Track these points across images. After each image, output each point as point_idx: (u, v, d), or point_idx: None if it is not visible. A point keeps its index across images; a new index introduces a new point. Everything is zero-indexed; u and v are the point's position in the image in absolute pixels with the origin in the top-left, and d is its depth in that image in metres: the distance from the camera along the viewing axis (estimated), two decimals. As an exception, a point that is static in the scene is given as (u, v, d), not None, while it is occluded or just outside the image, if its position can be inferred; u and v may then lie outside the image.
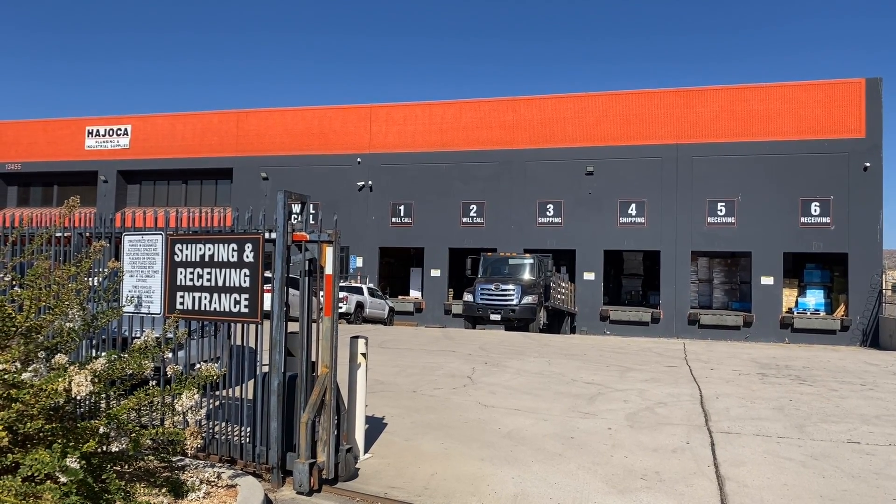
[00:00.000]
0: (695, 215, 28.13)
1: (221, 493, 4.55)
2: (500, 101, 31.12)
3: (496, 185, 30.53)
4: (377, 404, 7.85)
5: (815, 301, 27.79)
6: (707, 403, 8.69)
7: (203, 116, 35.25)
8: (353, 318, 23.88)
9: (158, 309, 5.63)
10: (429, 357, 12.78)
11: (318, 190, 29.13)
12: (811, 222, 26.92)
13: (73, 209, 4.55)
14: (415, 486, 5.27)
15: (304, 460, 5.06)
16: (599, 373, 11.30)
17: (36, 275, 4.04)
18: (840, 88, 27.09)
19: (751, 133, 27.67)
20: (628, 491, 5.23)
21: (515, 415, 7.78)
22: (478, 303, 23.30)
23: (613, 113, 29.39)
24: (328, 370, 5.24)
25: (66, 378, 3.53)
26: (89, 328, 4.38)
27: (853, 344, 25.29)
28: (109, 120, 36.63)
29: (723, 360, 13.64)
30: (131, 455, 4.01)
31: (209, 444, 5.54)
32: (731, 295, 30.78)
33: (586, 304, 29.13)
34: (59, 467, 3.46)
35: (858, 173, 26.44)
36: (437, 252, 31.21)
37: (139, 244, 5.77)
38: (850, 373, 12.09)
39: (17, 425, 3.55)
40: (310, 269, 5.39)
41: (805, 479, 5.58)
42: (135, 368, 4.07)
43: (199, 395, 4.23)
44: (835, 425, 7.56)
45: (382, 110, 32.51)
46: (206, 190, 36.17)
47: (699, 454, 6.27)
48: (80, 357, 5.02)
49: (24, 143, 37.53)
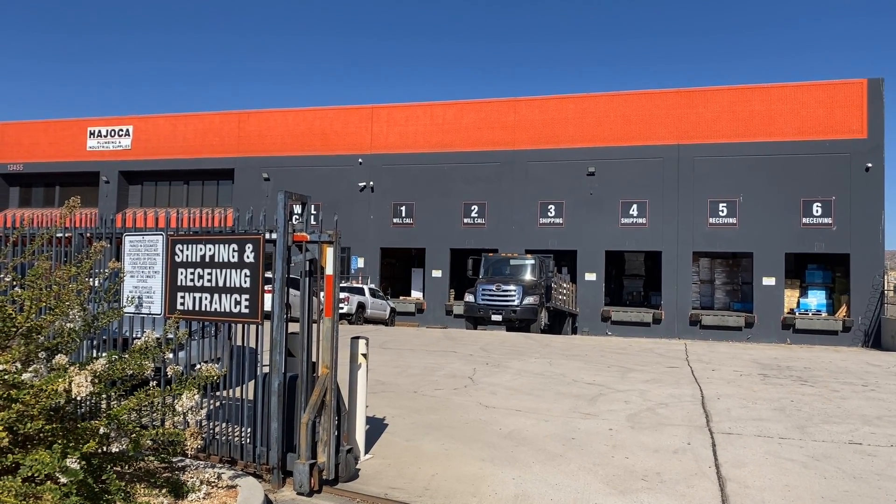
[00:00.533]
0: (696, 216, 28.11)
1: (222, 494, 4.55)
2: (501, 102, 31.12)
3: (497, 185, 30.52)
4: (378, 405, 7.85)
5: (816, 302, 27.74)
6: (708, 404, 8.68)
7: (204, 117, 35.26)
8: (355, 319, 23.90)
9: (159, 309, 5.63)
10: (430, 357, 12.77)
11: (319, 190, 29.10)
12: (813, 223, 26.89)
13: (74, 209, 4.55)
14: (415, 487, 5.27)
15: (305, 461, 5.06)
16: (600, 373, 11.29)
17: (37, 275, 4.04)
18: (842, 89, 27.05)
19: (752, 133, 27.64)
20: (629, 492, 5.22)
21: (516, 415, 7.77)
22: (479, 303, 23.29)
23: (615, 113, 29.38)
24: (329, 371, 5.24)
25: (66, 378, 3.53)
26: (90, 329, 4.38)
27: (855, 345, 25.25)
28: (111, 121, 36.66)
29: (724, 360, 13.62)
30: (131, 455, 4.02)
31: (209, 445, 5.54)
32: (732, 296, 30.74)
33: (587, 304, 29.11)
34: (60, 468, 3.46)
35: (860, 174, 26.41)
36: (439, 252, 31.21)
37: (140, 245, 5.77)
38: (851, 374, 12.07)
39: (18, 426, 3.55)
40: (310, 270, 5.38)
41: (806, 479, 5.57)
42: (135, 369, 4.07)
43: (199, 395, 4.23)
44: (836, 426, 7.54)
45: (384, 111, 32.51)
46: (207, 190, 36.19)
47: (700, 455, 6.26)
48: (81, 357, 5.01)
49: (26, 143, 37.57)
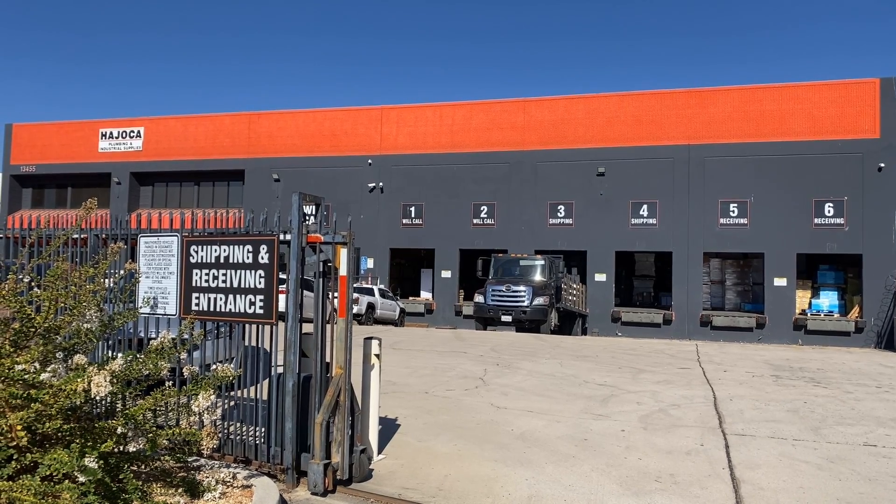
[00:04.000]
0: (707, 216, 27.98)
1: (237, 494, 4.57)
2: (510, 103, 31.10)
3: (507, 186, 30.51)
4: (390, 405, 7.86)
5: (828, 302, 27.55)
6: (721, 405, 8.64)
7: (215, 118, 35.43)
8: (365, 320, 23.95)
9: (174, 310, 5.66)
10: (440, 358, 12.78)
11: (328, 191, 29.12)
12: (825, 223, 26.71)
13: (91, 211, 4.57)
14: (429, 488, 5.28)
15: (319, 461, 5.07)
16: (612, 374, 11.26)
17: (55, 276, 4.07)
18: (854, 88, 26.87)
19: (763, 134, 27.49)
20: (643, 493, 5.21)
21: (528, 416, 7.77)
22: (489, 304, 23.28)
23: (625, 114, 29.30)
24: (342, 371, 5.26)
25: (85, 378, 3.56)
26: (106, 329, 4.41)
27: (867, 346, 25.07)
28: (122, 122, 36.91)
29: (736, 361, 13.56)
30: (148, 455, 4.04)
31: (224, 445, 5.56)
32: (743, 296, 30.58)
33: (598, 305, 29.02)
34: (78, 467, 3.48)
35: (873, 174, 26.22)
36: (448, 253, 31.22)
37: (155, 246, 5.81)
38: (865, 375, 11.99)
39: (36, 425, 3.58)
40: (324, 271, 5.40)
41: (821, 481, 5.54)
42: (151, 369, 4.10)
43: (214, 395, 4.25)
44: (850, 428, 7.50)
45: (393, 112, 32.57)
46: (217, 191, 36.36)
47: (713, 456, 6.23)
48: (97, 358, 5.05)
49: (39, 145, 37.88)
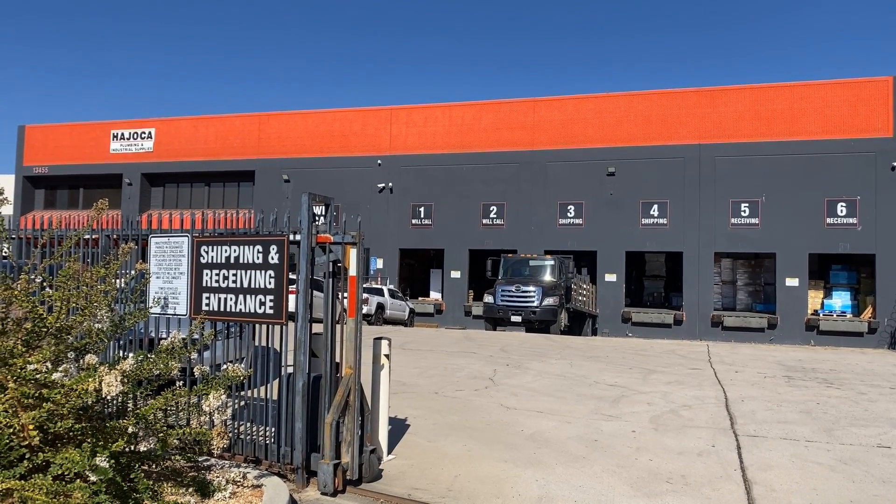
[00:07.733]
0: (718, 216, 27.83)
1: (247, 493, 4.58)
2: (520, 103, 31.06)
3: (516, 186, 30.46)
4: (399, 405, 7.86)
5: (841, 303, 27.33)
6: (732, 406, 8.58)
7: (225, 119, 35.62)
8: (374, 320, 23.97)
9: (184, 310, 5.68)
10: (450, 358, 12.77)
11: (338, 192, 29.19)
12: (837, 223, 26.51)
13: (102, 212, 4.59)
14: (438, 488, 5.27)
15: (329, 461, 5.08)
16: (622, 375, 11.21)
17: (67, 276, 4.09)
18: (867, 87, 26.65)
19: (775, 133, 27.31)
20: (654, 494, 5.18)
21: (538, 417, 7.74)
22: (498, 304, 23.24)
23: (635, 113, 29.19)
24: (352, 371, 5.26)
25: (96, 378, 3.57)
26: (117, 329, 4.43)
27: (881, 346, 24.83)
28: (134, 123, 37.16)
29: (747, 362, 13.47)
30: (159, 455, 4.05)
31: (234, 445, 5.58)
32: (754, 297, 30.39)
33: (608, 305, 28.93)
34: (89, 466, 3.50)
35: (886, 173, 25.99)
36: (457, 253, 31.22)
37: (165, 246, 5.83)
38: (878, 376, 11.87)
39: (48, 424, 3.60)
40: (334, 271, 5.40)
41: (834, 483, 5.49)
42: (162, 369, 4.11)
43: (225, 395, 4.26)
44: (864, 429, 7.42)
45: (402, 112, 32.60)
46: (228, 192, 36.52)
47: (725, 458, 6.19)
48: (108, 358, 5.07)
49: (51, 146, 38.21)
